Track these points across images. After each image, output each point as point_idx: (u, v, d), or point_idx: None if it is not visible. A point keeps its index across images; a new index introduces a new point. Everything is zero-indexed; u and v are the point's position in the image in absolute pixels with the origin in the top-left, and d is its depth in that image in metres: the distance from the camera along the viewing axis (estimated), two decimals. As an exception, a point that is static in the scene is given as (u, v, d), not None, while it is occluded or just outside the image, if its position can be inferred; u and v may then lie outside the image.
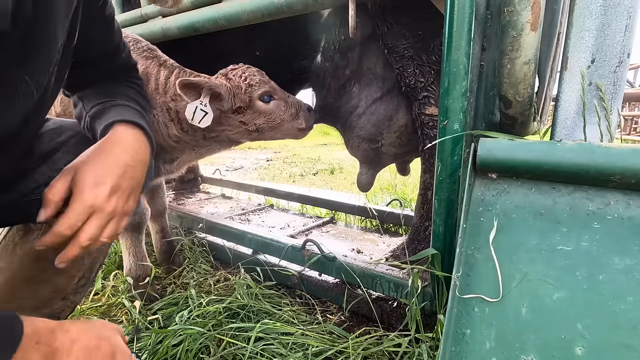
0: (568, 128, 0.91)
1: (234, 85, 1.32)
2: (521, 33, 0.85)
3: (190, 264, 1.87)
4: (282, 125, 1.39)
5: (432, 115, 1.30)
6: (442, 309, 1.10)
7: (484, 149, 0.82)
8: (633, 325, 0.60)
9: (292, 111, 1.40)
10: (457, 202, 1.02)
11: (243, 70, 1.35)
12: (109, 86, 0.93)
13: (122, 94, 0.92)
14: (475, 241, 0.78)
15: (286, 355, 1.13)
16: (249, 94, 1.32)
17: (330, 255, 1.46)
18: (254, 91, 1.32)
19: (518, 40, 0.86)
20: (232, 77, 1.33)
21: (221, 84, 1.29)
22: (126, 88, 0.96)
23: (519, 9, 0.83)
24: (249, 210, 2.62)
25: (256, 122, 1.36)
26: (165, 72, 1.34)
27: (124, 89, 0.95)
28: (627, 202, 0.71)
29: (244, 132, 1.39)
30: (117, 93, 0.91)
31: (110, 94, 0.89)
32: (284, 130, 1.41)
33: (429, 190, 1.42)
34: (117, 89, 0.93)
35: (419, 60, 1.29)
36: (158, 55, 1.38)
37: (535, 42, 0.85)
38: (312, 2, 1.18)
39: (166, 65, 1.36)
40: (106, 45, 0.91)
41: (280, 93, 1.40)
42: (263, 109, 1.35)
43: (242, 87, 1.32)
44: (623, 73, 0.86)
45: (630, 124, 8.25)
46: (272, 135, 1.42)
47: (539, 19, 0.82)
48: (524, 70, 0.89)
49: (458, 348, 0.68)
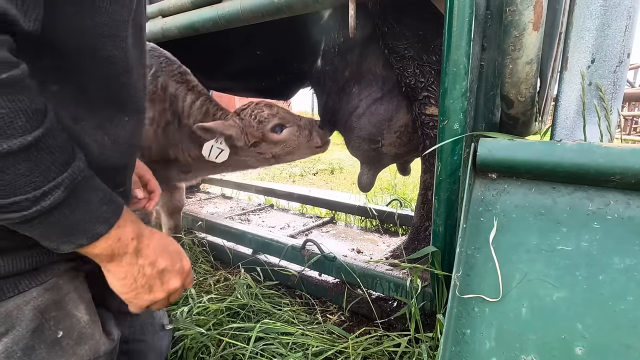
0: (568, 128, 0.91)
1: (245, 124, 1.42)
2: (523, 33, 0.84)
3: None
4: (298, 149, 1.49)
5: (433, 115, 1.30)
6: (442, 308, 1.10)
7: (484, 149, 0.82)
8: (633, 325, 0.60)
9: (306, 133, 1.49)
10: (457, 202, 1.02)
11: (252, 109, 1.44)
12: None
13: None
14: (475, 241, 0.78)
15: (286, 355, 1.13)
16: (261, 130, 1.42)
17: (330, 255, 1.46)
18: (265, 126, 1.42)
19: (520, 40, 0.85)
20: (244, 117, 1.43)
21: (234, 124, 1.39)
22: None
23: (521, 8, 0.82)
24: (249, 210, 2.62)
25: (273, 151, 1.46)
26: (192, 97, 1.45)
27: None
28: (627, 202, 0.71)
29: (262, 160, 1.50)
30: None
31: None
32: (302, 152, 1.52)
33: (429, 190, 1.42)
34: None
35: (419, 60, 1.29)
36: (188, 80, 1.48)
37: (537, 42, 0.85)
38: (312, 2, 1.18)
39: (194, 91, 1.47)
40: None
41: (292, 119, 1.48)
42: (277, 139, 1.44)
43: (253, 125, 1.41)
44: (623, 73, 0.86)
45: (630, 124, 8.25)
46: (291, 158, 1.53)
47: (541, 18, 0.82)
48: (526, 70, 0.88)
49: (458, 348, 0.68)
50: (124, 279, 0.61)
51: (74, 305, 0.64)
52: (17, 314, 0.57)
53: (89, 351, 0.64)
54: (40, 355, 0.58)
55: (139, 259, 0.62)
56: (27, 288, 0.58)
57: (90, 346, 0.65)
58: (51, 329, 0.60)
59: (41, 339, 0.59)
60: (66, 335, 0.62)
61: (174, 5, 1.56)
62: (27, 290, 0.58)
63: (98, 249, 0.57)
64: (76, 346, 0.63)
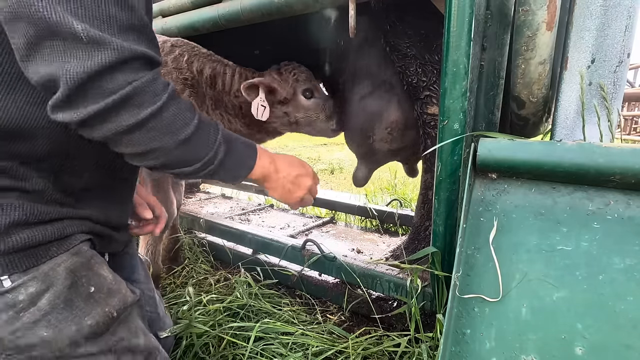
0: (568, 128, 0.91)
1: (283, 78, 1.50)
2: (536, 33, 0.83)
3: (190, 263, 1.87)
4: (317, 122, 1.55)
5: (434, 115, 1.30)
6: (442, 308, 1.10)
7: (484, 149, 0.82)
8: (633, 325, 0.60)
9: (328, 112, 1.55)
10: (457, 202, 1.02)
11: (294, 67, 1.53)
12: None
13: None
14: (475, 241, 0.78)
15: (286, 355, 1.13)
16: (294, 88, 1.50)
17: (330, 255, 1.46)
18: (299, 86, 1.50)
19: (533, 40, 0.84)
20: (283, 72, 1.51)
21: (273, 79, 1.48)
22: None
23: (534, 8, 0.81)
24: (249, 210, 2.62)
25: (296, 115, 1.53)
26: (230, 70, 1.53)
27: None
28: (627, 202, 0.71)
29: (286, 124, 1.57)
30: None
31: None
32: (319, 128, 1.58)
33: (430, 190, 1.42)
34: None
35: (421, 59, 1.28)
36: (220, 58, 1.56)
37: (550, 42, 0.84)
38: (312, 2, 1.18)
39: (229, 65, 1.55)
40: None
41: (322, 93, 1.56)
42: (303, 103, 1.52)
43: (289, 82, 1.49)
44: (623, 73, 0.86)
45: (630, 124, 8.24)
46: (308, 130, 1.61)
47: (554, 18, 0.81)
48: (539, 71, 0.87)
49: (458, 348, 0.68)
50: (277, 189, 0.90)
51: (99, 267, 0.77)
52: (54, 273, 0.69)
53: (118, 302, 0.77)
54: (79, 305, 0.71)
55: (279, 173, 0.88)
56: (57, 254, 0.70)
57: (119, 298, 0.78)
58: (84, 285, 0.73)
59: (77, 293, 0.71)
60: (98, 290, 0.74)
61: (174, 5, 1.56)
62: (57, 255, 0.70)
63: (255, 176, 0.83)
64: (107, 298, 0.76)
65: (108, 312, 0.74)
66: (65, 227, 0.72)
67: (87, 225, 0.77)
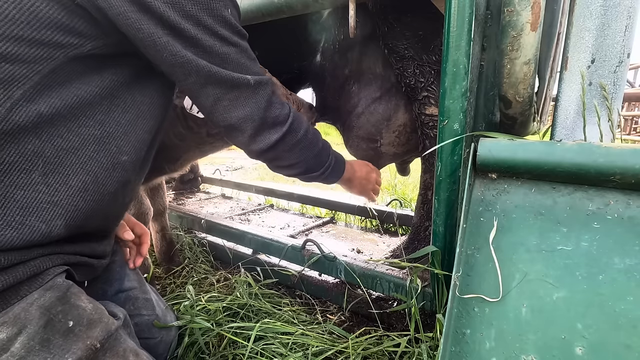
0: (568, 128, 0.91)
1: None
2: (521, 33, 0.84)
3: (190, 263, 1.86)
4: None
5: (432, 115, 1.30)
6: (442, 308, 1.10)
7: (484, 149, 0.82)
8: (633, 325, 0.60)
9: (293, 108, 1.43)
10: (457, 202, 1.02)
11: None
12: None
13: None
14: (475, 241, 0.78)
15: (286, 355, 1.13)
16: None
17: (330, 255, 1.46)
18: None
19: (518, 40, 0.85)
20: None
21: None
22: None
23: (519, 9, 0.83)
24: (249, 210, 2.62)
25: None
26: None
27: None
28: (627, 202, 0.71)
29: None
30: None
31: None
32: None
33: (429, 190, 1.42)
34: None
35: (419, 60, 1.28)
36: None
37: (535, 42, 0.85)
38: (312, 2, 1.18)
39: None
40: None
41: (282, 90, 1.41)
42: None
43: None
44: (623, 73, 0.86)
45: (630, 124, 8.24)
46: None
47: (539, 19, 0.82)
48: (524, 71, 0.89)
49: (458, 348, 0.68)
50: (357, 186, 1.23)
51: (76, 298, 0.72)
52: (25, 315, 0.64)
53: (101, 332, 0.72)
54: (57, 343, 0.66)
55: (355, 174, 1.21)
56: (28, 292, 0.65)
57: (101, 328, 0.73)
58: (61, 321, 0.67)
59: (54, 330, 0.66)
60: (77, 323, 0.69)
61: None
62: (29, 294, 0.65)
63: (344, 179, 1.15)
64: (88, 330, 0.71)
65: (90, 344, 0.69)
66: (40, 264, 0.67)
67: (65, 258, 0.72)
